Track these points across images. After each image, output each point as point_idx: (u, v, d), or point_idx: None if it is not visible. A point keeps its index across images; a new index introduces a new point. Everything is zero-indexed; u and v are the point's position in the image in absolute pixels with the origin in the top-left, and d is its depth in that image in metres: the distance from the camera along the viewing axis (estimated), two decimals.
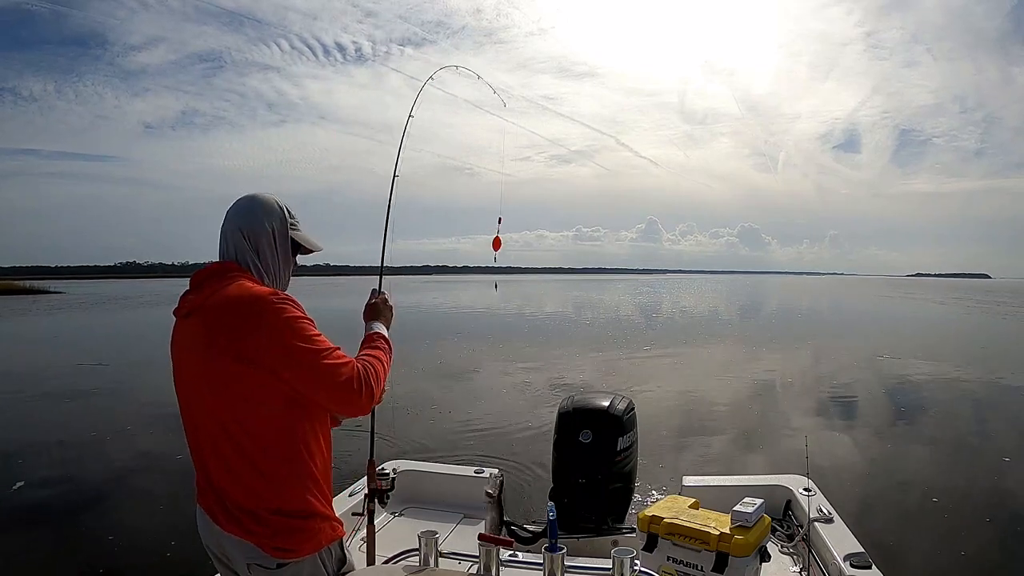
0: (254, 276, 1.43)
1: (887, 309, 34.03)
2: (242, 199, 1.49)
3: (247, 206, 1.47)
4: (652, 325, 22.34)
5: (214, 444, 1.36)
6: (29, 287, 52.68)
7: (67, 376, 11.14)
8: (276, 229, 1.47)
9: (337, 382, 1.30)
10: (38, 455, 6.29)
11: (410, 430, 6.25)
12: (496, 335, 17.22)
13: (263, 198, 1.49)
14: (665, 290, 58.94)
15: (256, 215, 1.45)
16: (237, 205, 1.48)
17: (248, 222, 1.45)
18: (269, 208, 1.47)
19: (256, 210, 1.46)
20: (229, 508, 1.34)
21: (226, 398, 1.32)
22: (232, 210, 1.48)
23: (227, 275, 1.39)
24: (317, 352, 1.29)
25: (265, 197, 1.49)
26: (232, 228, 1.45)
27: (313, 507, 1.36)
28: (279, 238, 1.48)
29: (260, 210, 1.46)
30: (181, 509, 4.76)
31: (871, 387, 9.74)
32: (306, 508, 1.35)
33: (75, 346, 16.49)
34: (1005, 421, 7.71)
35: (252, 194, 1.50)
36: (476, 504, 2.92)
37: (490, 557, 1.46)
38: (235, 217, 1.46)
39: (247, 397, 1.30)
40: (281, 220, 1.48)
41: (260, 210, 1.46)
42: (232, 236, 1.44)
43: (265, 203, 1.47)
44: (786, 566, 2.45)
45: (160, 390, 9.67)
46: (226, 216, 1.48)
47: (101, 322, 25.58)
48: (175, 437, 6.94)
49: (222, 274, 1.40)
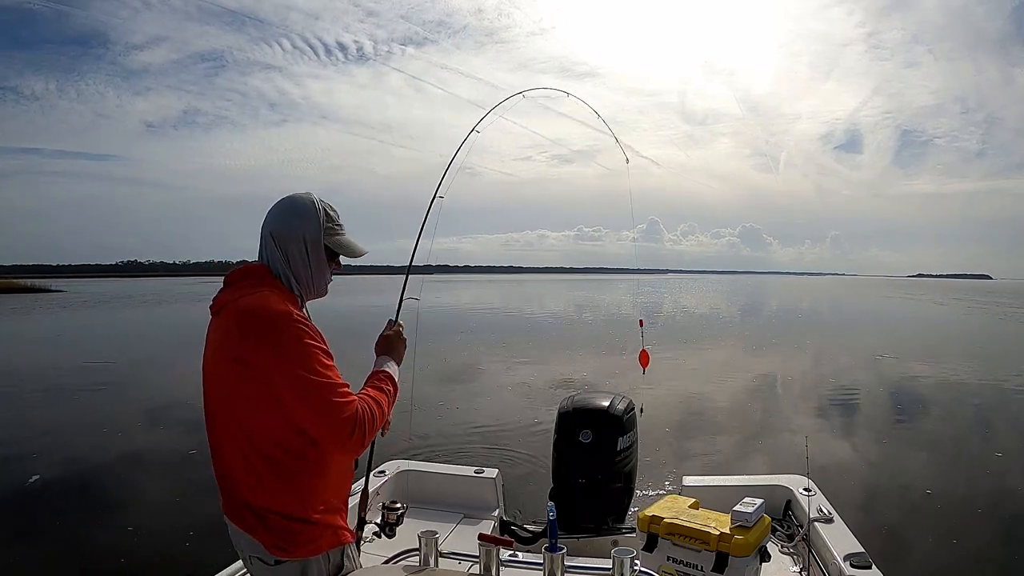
0: (283, 284, 1.42)
1: (887, 309, 34.02)
2: (280, 201, 1.46)
3: (281, 210, 1.45)
4: (653, 325, 22.33)
5: (225, 438, 1.39)
6: (30, 286, 52.73)
7: (74, 374, 11.15)
8: (308, 236, 1.43)
9: (333, 421, 1.28)
10: (45, 453, 6.30)
11: (410, 430, 6.25)
12: (497, 334, 17.24)
13: (299, 201, 1.45)
14: (666, 290, 58.89)
15: (288, 221, 1.43)
16: (273, 208, 1.46)
17: (279, 228, 1.43)
18: (304, 212, 1.44)
19: (289, 215, 1.44)
20: (235, 500, 1.38)
21: (231, 398, 1.34)
22: (269, 212, 1.46)
23: (257, 280, 1.40)
24: (321, 385, 1.28)
25: (301, 200, 1.45)
26: (266, 233, 1.44)
27: (312, 513, 1.36)
28: (311, 245, 1.44)
29: (293, 215, 1.43)
30: (185, 507, 4.77)
31: (871, 387, 9.74)
32: (305, 514, 1.35)
33: (77, 345, 16.51)
34: (1005, 421, 7.70)
35: (291, 196, 1.46)
36: (476, 504, 2.92)
37: (490, 557, 1.46)
38: (270, 221, 1.44)
39: (249, 398, 1.31)
40: (316, 226, 1.44)
41: (293, 215, 1.43)
42: (266, 240, 1.44)
43: (300, 207, 1.44)
44: (786, 566, 2.45)
45: (164, 388, 9.69)
46: (265, 217, 1.46)
47: (103, 321, 25.61)
48: (180, 435, 6.97)
49: (253, 277, 1.40)
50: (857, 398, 8.95)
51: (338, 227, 1.48)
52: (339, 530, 1.41)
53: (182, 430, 7.26)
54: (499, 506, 2.94)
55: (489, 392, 9.08)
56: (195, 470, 5.74)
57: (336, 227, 1.48)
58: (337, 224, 1.48)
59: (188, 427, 7.37)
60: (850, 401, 8.75)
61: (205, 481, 5.65)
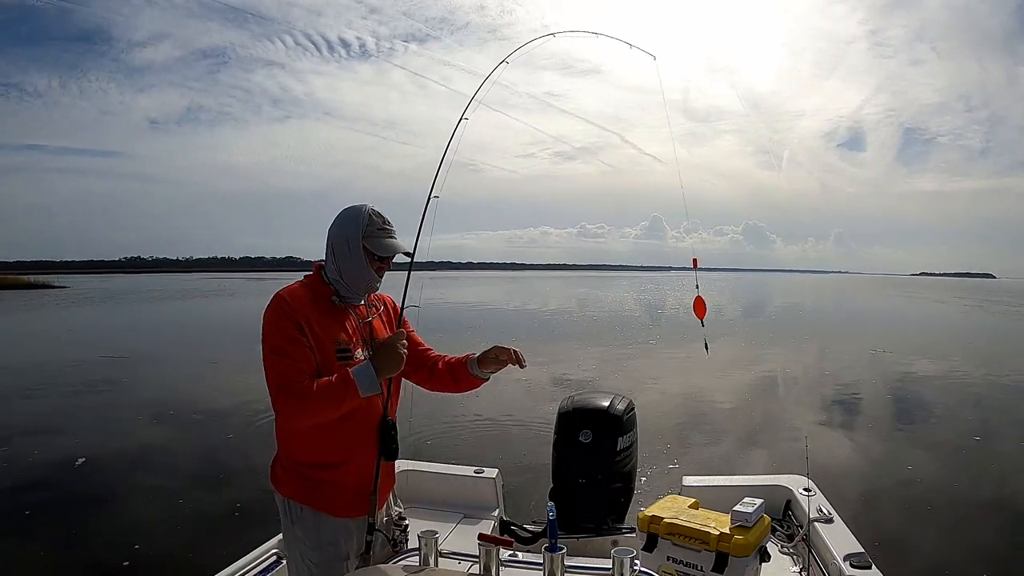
0: (327, 277, 1.72)
1: (890, 308, 33.94)
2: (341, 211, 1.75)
3: (337, 218, 1.73)
4: (655, 322, 22.32)
5: None
6: (33, 282, 52.84)
7: (78, 370, 11.18)
8: (350, 239, 1.68)
9: (272, 386, 1.57)
10: (48, 448, 6.33)
11: (410, 430, 6.26)
12: (498, 332, 17.24)
13: (349, 211, 1.72)
14: (669, 288, 58.82)
15: (337, 226, 1.72)
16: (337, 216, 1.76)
17: (332, 232, 1.72)
18: (350, 220, 1.70)
19: (337, 221, 1.72)
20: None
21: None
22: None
23: (312, 271, 1.75)
24: (269, 356, 1.58)
25: (352, 210, 1.72)
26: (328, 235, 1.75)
27: (286, 461, 1.71)
28: (351, 246, 1.68)
29: (341, 221, 1.72)
30: (188, 504, 4.79)
31: (871, 387, 9.73)
32: (283, 461, 1.72)
33: (80, 341, 16.54)
34: (1005, 421, 7.68)
35: (349, 206, 1.73)
36: (476, 504, 2.93)
37: (490, 557, 1.46)
38: (330, 227, 1.74)
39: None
40: (356, 230, 1.68)
41: (341, 221, 1.72)
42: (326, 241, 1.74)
43: (348, 216, 1.71)
44: (786, 566, 2.45)
45: (167, 384, 9.72)
46: None
47: (106, 317, 25.67)
48: (184, 430, 7.00)
49: (310, 271, 1.75)
50: (857, 398, 8.94)
51: (380, 230, 1.71)
52: (309, 490, 1.67)
53: (186, 425, 7.29)
54: (499, 506, 2.94)
55: (489, 391, 9.06)
56: (198, 466, 5.77)
57: (377, 230, 1.70)
58: (381, 228, 1.71)
59: (193, 422, 7.41)
60: (850, 401, 8.74)
61: (208, 477, 5.67)
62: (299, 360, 1.56)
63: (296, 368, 1.55)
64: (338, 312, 1.70)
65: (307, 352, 1.58)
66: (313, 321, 1.61)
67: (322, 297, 1.69)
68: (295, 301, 1.62)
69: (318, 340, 1.60)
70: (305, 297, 1.66)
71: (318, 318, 1.63)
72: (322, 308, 1.66)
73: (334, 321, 1.67)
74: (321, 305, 1.67)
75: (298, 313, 1.59)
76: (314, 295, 1.68)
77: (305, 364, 1.57)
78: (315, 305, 1.65)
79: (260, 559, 2.22)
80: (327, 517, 1.68)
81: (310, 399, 1.55)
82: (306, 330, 1.59)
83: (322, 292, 1.70)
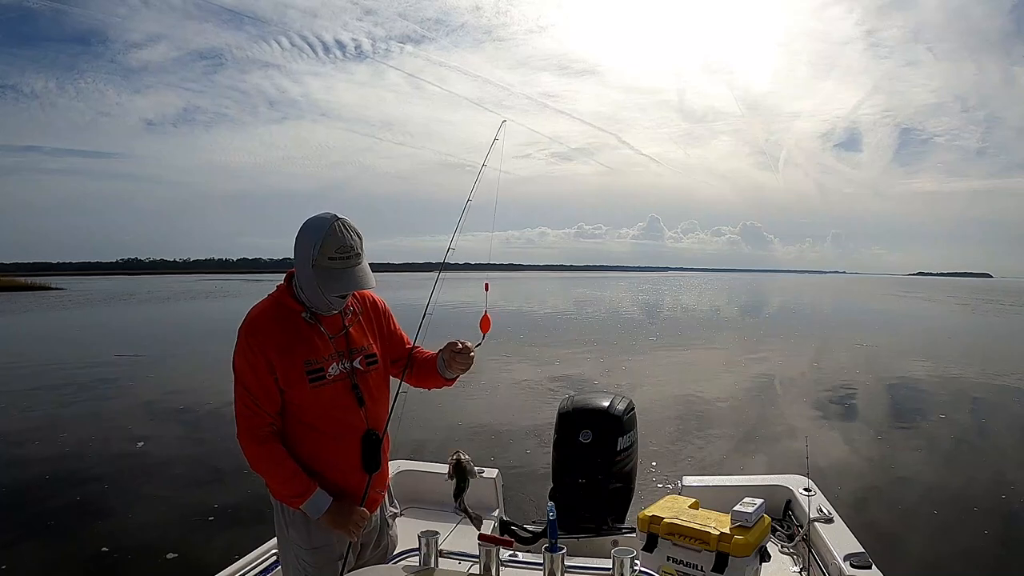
0: (297, 290, 1.62)
1: (889, 308, 33.97)
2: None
3: (300, 228, 1.58)
4: (654, 323, 22.33)
5: None
6: (30, 284, 52.72)
7: (75, 372, 11.15)
8: (303, 262, 1.56)
9: (236, 415, 1.60)
10: (44, 450, 6.30)
11: (410, 430, 6.25)
12: (496, 333, 17.22)
13: (310, 224, 1.56)
14: (667, 288, 58.85)
15: (297, 241, 1.58)
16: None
17: (295, 243, 1.59)
18: (307, 238, 1.55)
19: (299, 235, 1.58)
20: None
21: None
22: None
23: (283, 281, 1.66)
24: (237, 385, 1.60)
25: (312, 224, 1.55)
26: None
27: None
28: (306, 270, 1.57)
29: (300, 236, 1.57)
30: (185, 505, 4.77)
31: (871, 387, 9.74)
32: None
33: (77, 343, 16.51)
34: (1004, 420, 7.70)
35: (313, 216, 1.58)
36: (476, 504, 2.92)
37: (490, 557, 1.46)
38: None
39: None
40: (308, 253, 1.54)
41: (300, 236, 1.57)
42: None
43: (306, 231, 1.56)
44: (786, 566, 2.45)
45: (165, 386, 9.70)
46: None
47: (103, 318, 25.61)
48: (181, 432, 6.98)
49: (284, 280, 1.66)
50: (857, 398, 8.95)
51: (333, 259, 1.53)
52: (296, 489, 1.61)
53: (184, 426, 7.27)
54: (499, 506, 2.94)
55: (489, 392, 9.08)
56: (196, 467, 5.75)
57: (328, 260, 1.53)
58: (334, 256, 1.53)
59: (191, 423, 7.39)
60: (850, 401, 8.75)
61: (206, 478, 5.63)
62: (263, 401, 1.57)
63: (259, 414, 1.58)
64: (309, 330, 1.61)
65: (273, 390, 1.58)
66: (283, 348, 1.57)
67: (292, 315, 1.61)
68: (265, 329, 1.58)
69: (287, 370, 1.57)
70: (274, 319, 1.60)
71: (288, 342, 1.58)
72: (292, 328, 1.60)
73: (304, 341, 1.60)
74: (291, 325, 1.60)
75: (267, 344, 1.56)
76: (283, 314, 1.61)
77: (269, 405, 1.58)
78: (285, 326, 1.59)
79: (259, 559, 2.22)
80: (318, 520, 1.65)
81: (261, 462, 1.60)
82: (275, 365, 1.56)
83: (292, 310, 1.61)
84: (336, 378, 1.63)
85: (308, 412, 1.62)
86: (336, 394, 1.63)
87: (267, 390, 1.57)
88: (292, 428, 1.64)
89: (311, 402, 1.61)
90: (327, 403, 1.63)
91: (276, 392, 1.58)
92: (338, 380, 1.64)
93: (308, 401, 1.61)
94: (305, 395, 1.59)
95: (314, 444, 1.63)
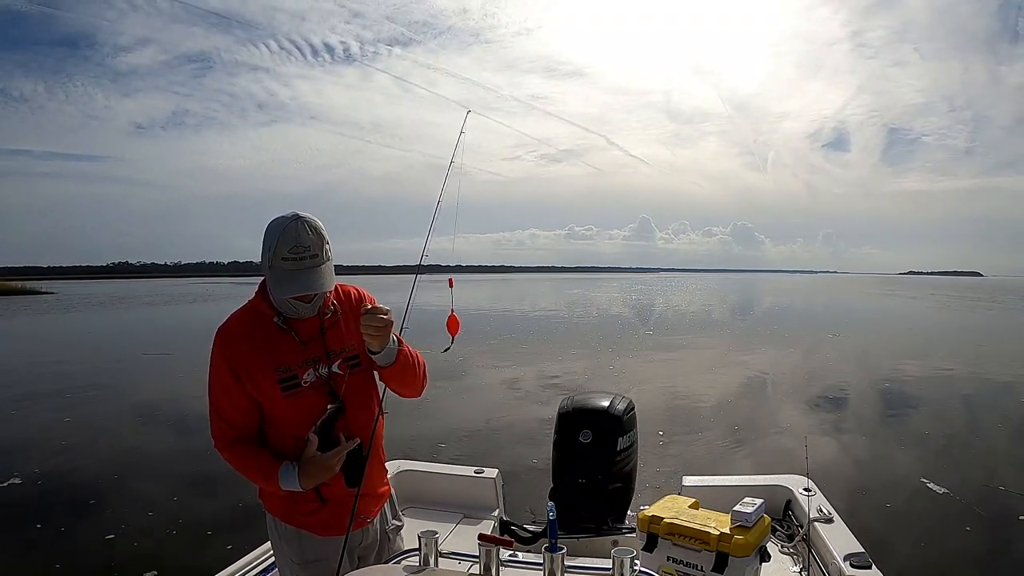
0: (263, 290, 1.56)
1: (884, 307, 34.16)
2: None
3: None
4: (649, 324, 22.37)
5: None
6: (20, 288, 52.34)
7: (63, 376, 11.07)
8: (263, 263, 1.49)
9: (210, 421, 1.59)
10: (34, 454, 6.24)
11: (410, 430, 6.23)
12: (494, 334, 17.20)
13: (271, 225, 1.47)
14: (660, 289, 59.00)
15: (263, 239, 1.49)
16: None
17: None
18: (266, 238, 1.47)
19: (264, 237, 1.49)
20: None
21: None
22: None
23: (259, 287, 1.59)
24: (209, 395, 1.57)
25: (273, 225, 1.46)
26: None
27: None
28: (265, 271, 1.50)
29: (264, 237, 1.49)
30: (179, 508, 4.73)
31: (871, 387, 9.77)
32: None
33: (68, 347, 16.39)
34: (1004, 419, 7.71)
35: (277, 217, 1.48)
36: (476, 504, 2.91)
37: (490, 557, 1.45)
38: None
39: None
40: (266, 253, 1.46)
41: (264, 237, 1.49)
42: None
43: (267, 232, 1.47)
44: (786, 566, 2.45)
45: (154, 389, 9.63)
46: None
47: (94, 323, 25.45)
48: (170, 435, 6.93)
49: (261, 283, 1.57)
50: (856, 398, 8.96)
51: (286, 260, 1.43)
52: (289, 511, 1.62)
53: (178, 430, 7.22)
54: (499, 506, 2.94)
55: (488, 392, 9.06)
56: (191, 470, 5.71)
57: (282, 260, 1.43)
58: (287, 257, 1.43)
59: (184, 427, 7.33)
60: (850, 401, 8.77)
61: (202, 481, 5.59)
62: (225, 410, 1.55)
63: (220, 423, 1.56)
64: (281, 335, 1.54)
65: (240, 399, 1.53)
66: (250, 357, 1.51)
67: (264, 322, 1.54)
68: (234, 337, 1.53)
69: (257, 379, 1.51)
70: (246, 327, 1.54)
71: (255, 350, 1.52)
72: (264, 336, 1.53)
73: (275, 347, 1.53)
74: (262, 333, 1.53)
75: (233, 353, 1.51)
76: (255, 320, 1.55)
77: (233, 415, 1.55)
78: (257, 334, 1.53)
79: (259, 559, 2.20)
80: (310, 536, 1.62)
81: (234, 465, 1.59)
82: (242, 377, 1.51)
83: (264, 316, 1.54)
84: (312, 385, 1.55)
85: (285, 422, 1.56)
86: (314, 402, 1.55)
87: (232, 399, 1.53)
88: (273, 439, 1.58)
89: (287, 412, 1.54)
90: (304, 412, 1.54)
91: (244, 401, 1.53)
92: (315, 387, 1.55)
93: (284, 411, 1.54)
94: (279, 404, 1.53)
95: (300, 448, 1.55)
